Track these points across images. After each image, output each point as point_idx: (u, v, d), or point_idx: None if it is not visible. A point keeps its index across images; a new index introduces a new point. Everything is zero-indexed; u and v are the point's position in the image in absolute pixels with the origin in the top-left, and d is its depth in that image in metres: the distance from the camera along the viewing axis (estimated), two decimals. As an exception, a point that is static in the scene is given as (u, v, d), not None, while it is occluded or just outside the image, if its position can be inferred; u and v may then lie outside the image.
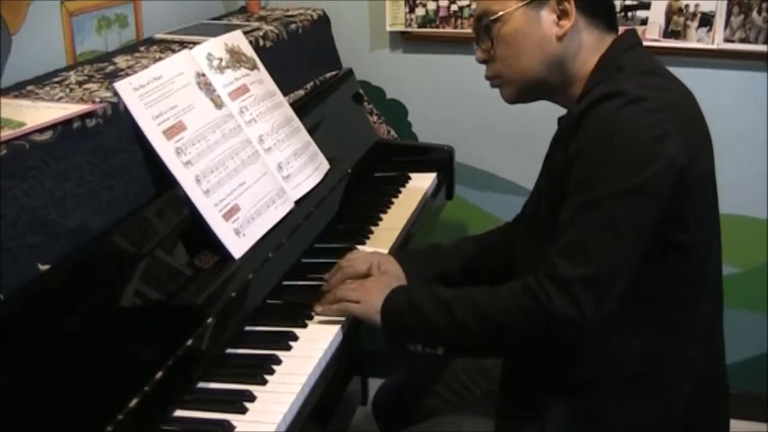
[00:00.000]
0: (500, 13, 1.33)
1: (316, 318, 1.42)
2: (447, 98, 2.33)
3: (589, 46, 1.33)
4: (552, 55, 1.33)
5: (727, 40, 2.09)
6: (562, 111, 1.40)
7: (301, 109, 1.82)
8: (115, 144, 1.32)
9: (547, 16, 1.32)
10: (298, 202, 1.64)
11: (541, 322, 1.20)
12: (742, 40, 2.08)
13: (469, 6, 2.22)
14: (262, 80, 1.71)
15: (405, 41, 2.32)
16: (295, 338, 1.37)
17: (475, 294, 1.30)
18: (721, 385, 1.40)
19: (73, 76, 1.50)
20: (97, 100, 1.34)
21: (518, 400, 1.36)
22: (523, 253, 1.38)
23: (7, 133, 1.15)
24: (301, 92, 1.95)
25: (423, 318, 1.31)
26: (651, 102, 1.21)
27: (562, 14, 1.31)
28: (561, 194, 1.24)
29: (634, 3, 2.11)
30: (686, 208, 1.23)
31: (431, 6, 2.25)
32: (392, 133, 2.28)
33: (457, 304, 1.29)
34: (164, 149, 1.37)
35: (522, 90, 1.38)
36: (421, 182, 2.07)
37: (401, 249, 1.72)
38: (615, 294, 1.21)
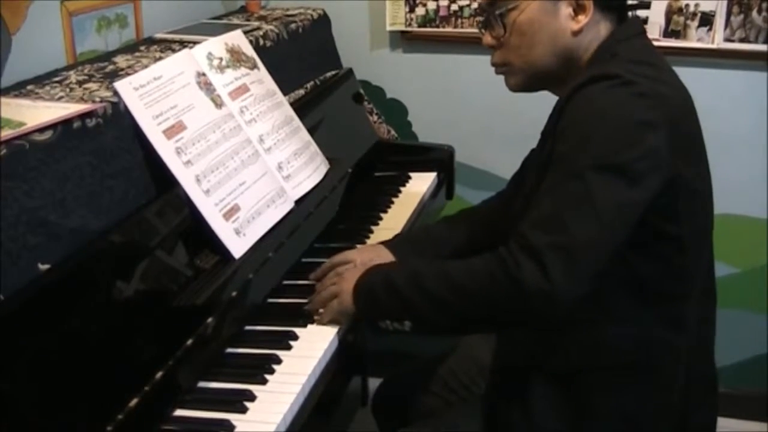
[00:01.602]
0: (517, 2, 1.31)
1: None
2: (447, 98, 2.33)
3: (599, 39, 1.32)
4: (564, 49, 1.32)
5: (727, 39, 2.09)
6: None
7: (301, 108, 1.82)
8: (115, 144, 1.32)
9: (565, 9, 1.30)
10: (298, 202, 1.64)
11: (510, 290, 1.17)
12: (742, 40, 2.08)
13: (469, 6, 2.22)
14: (262, 80, 1.71)
15: (405, 41, 2.32)
16: (296, 338, 1.37)
17: (448, 265, 1.28)
18: (711, 381, 1.40)
19: (73, 76, 1.50)
20: (98, 99, 1.34)
21: (507, 389, 1.36)
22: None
23: (7, 133, 1.15)
24: (302, 92, 1.95)
25: (394, 289, 1.29)
26: (640, 87, 1.19)
27: (579, 9, 1.30)
28: None
29: (635, 2, 2.11)
30: (675, 202, 1.22)
31: (431, 6, 2.25)
32: (392, 132, 2.28)
33: (428, 274, 1.27)
34: (164, 149, 1.37)
35: (529, 79, 1.36)
36: (421, 182, 2.07)
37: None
38: (587, 270, 1.17)
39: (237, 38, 1.70)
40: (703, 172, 1.30)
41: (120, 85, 1.35)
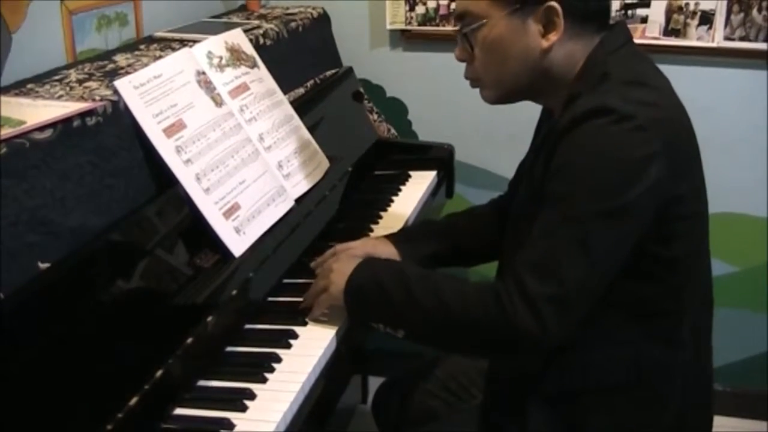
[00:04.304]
0: (483, 20, 1.27)
1: (316, 316, 1.42)
2: (447, 96, 2.33)
3: (579, 52, 1.27)
4: (537, 66, 1.27)
5: (727, 38, 2.09)
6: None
7: (301, 107, 1.82)
8: (115, 142, 1.32)
9: (534, 25, 1.24)
10: (298, 201, 1.64)
11: (499, 326, 1.17)
12: (742, 39, 2.08)
13: (469, 4, 2.22)
14: (262, 78, 1.71)
15: (405, 39, 2.32)
16: (296, 336, 1.37)
17: (441, 279, 1.27)
18: (708, 395, 1.38)
19: (73, 75, 1.50)
20: (98, 98, 1.34)
21: (503, 402, 1.35)
22: (509, 257, 1.35)
23: (7, 132, 1.15)
24: (301, 90, 1.95)
25: (382, 292, 1.28)
26: (639, 120, 1.15)
27: (549, 26, 1.24)
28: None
29: (634, 1, 2.11)
30: (671, 228, 1.20)
31: (431, 4, 2.25)
32: (392, 131, 2.28)
33: (418, 282, 1.26)
34: (164, 147, 1.37)
35: (502, 94, 1.33)
36: (421, 181, 2.07)
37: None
38: (579, 315, 1.18)
39: (237, 37, 1.70)
40: (700, 190, 1.28)
41: (120, 83, 1.35)
